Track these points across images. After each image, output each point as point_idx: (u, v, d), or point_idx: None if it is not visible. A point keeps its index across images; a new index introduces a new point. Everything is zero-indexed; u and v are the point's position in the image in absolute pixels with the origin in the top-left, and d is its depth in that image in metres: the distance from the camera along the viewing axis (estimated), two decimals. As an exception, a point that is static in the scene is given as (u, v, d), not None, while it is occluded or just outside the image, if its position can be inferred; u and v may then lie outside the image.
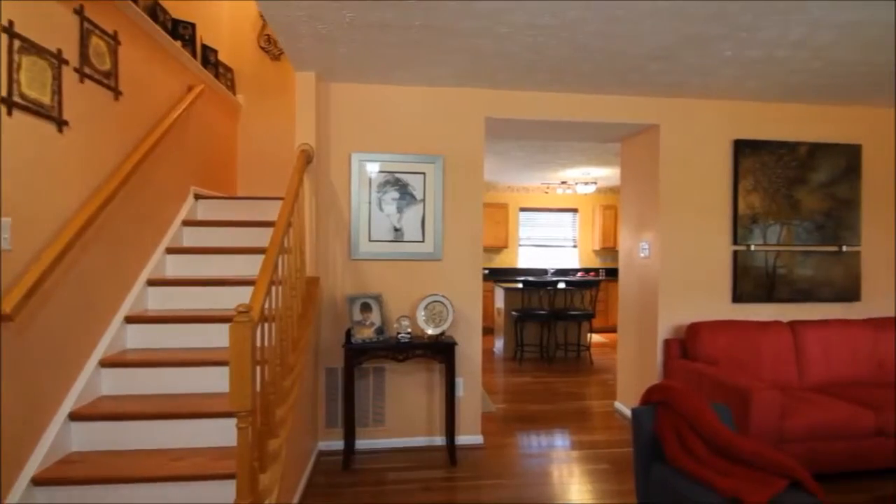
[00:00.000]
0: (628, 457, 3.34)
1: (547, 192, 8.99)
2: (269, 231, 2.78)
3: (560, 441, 3.66)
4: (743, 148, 3.72)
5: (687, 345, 3.53)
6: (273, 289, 2.26)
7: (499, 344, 6.82)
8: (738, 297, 3.74)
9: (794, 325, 3.57)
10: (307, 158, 3.05)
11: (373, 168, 3.40)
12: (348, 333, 3.21)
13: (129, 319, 2.69)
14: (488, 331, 7.80)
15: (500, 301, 6.87)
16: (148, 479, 2.07)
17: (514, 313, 6.29)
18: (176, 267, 3.14)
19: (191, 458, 2.21)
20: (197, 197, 3.55)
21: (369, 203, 3.40)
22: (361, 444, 3.42)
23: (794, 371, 3.46)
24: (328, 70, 3.17)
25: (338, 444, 3.37)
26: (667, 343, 3.64)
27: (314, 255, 3.28)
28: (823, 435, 2.88)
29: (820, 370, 3.47)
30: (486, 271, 8.77)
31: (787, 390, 3.28)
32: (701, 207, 3.74)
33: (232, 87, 4.39)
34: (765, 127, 3.78)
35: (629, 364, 4.16)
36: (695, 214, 3.73)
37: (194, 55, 3.64)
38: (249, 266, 3.15)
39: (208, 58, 3.97)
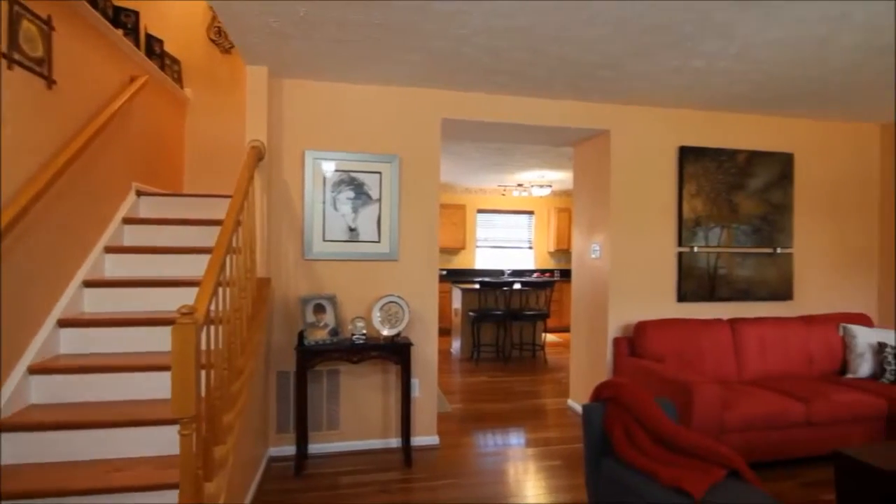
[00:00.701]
0: (580, 452, 3.43)
1: (504, 195, 9.11)
2: (218, 230, 2.68)
3: (515, 439, 3.71)
4: (687, 154, 3.90)
5: (635, 342, 3.66)
6: (220, 290, 2.19)
7: (456, 344, 6.85)
8: (682, 297, 3.92)
9: (733, 323, 3.77)
10: (258, 155, 2.96)
11: (327, 167, 3.34)
12: (301, 336, 3.13)
13: (63, 323, 2.52)
14: (445, 331, 7.82)
15: (457, 302, 6.90)
16: (83, 491, 1.95)
17: (470, 314, 6.33)
18: (116, 267, 2.97)
19: (131, 469, 2.10)
20: (139, 193, 3.38)
21: (323, 202, 3.34)
22: (315, 448, 3.35)
23: (733, 366, 3.65)
24: (281, 65, 3.09)
25: (290, 450, 3.29)
26: (616, 341, 3.76)
27: (265, 254, 3.19)
28: (759, 426, 3.05)
29: (756, 365, 3.68)
30: (444, 272, 8.80)
31: (727, 384, 3.46)
32: (648, 210, 3.89)
33: (179, 79, 4.21)
34: (707, 135, 3.98)
35: (581, 362, 4.27)
36: (643, 217, 3.88)
37: (137, 45, 3.47)
38: (197, 267, 3.03)
39: (153, 48, 3.79)
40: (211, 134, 4.37)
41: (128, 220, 3.17)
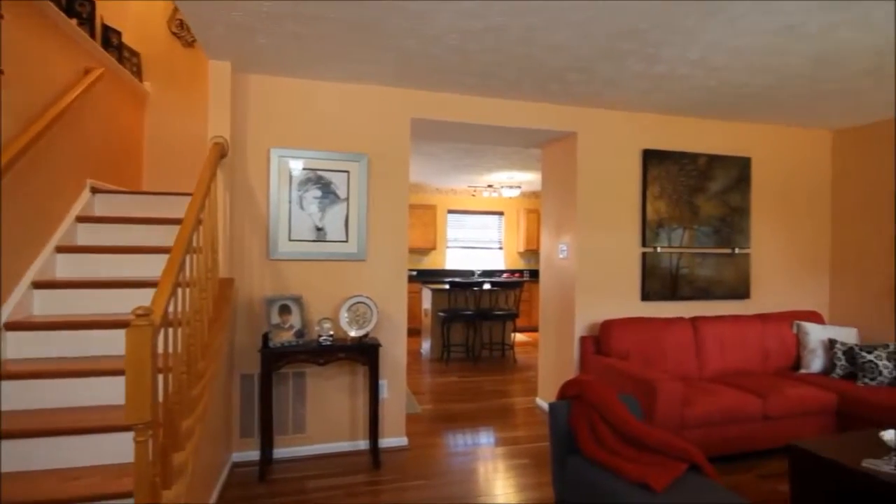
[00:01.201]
0: (548, 450, 3.47)
1: (474, 195, 9.15)
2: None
3: (484, 439, 3.72)
4: (651, 157, 4.00)
5: (601, 341, 3.72)
6: (180, 290, 2.12)
7: (426, 345, 6.84)
8: (646, 296, 4.01)
9: (694, 321, 3.88)
10: (221, 152, 2.88)
11: (293, 165, 3.28)
12: (265, 337, 3.06)
13: (11, 326, 2.39)
14: (415, 332, 7.80)
15: (427, 302, 6.89)
16: (35, 503, 1.85)
17: (440, 314, 6.33)
18: (68, 268, 2.84)
19: (86, 478, 2.01)
20: (94, 191, 3.24)
21: (289, 201, 3.27)
22: (280, 452, 3.28)
23: (694, 363, 3.76)
24: (245, 60, 3.02)
25: (254, 455, 3.21)
26: (583, 340, 3.83)
27: (228, 254, 3.10)
28: (718, 421, 3.15)
29: (716, 362, 3.80)
30: (414, 272, 8.78)
31: (688, 381, 3.56)
32: (614, 212, 3.97)
33: (138, 72, 4.07)
34: (670, 138, 4.09)
35: (549, 361, 4.32)
36: (608, 218, 3.96)
37: (93, 35, 3.33)
38: (156, 267, 2.90)
39: (110, 39, 3.64)
40: (172, 130, 4.23)
41: (82, 219, 3.04)
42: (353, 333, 3.19)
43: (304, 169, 3.29)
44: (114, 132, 3.62)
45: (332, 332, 3.15)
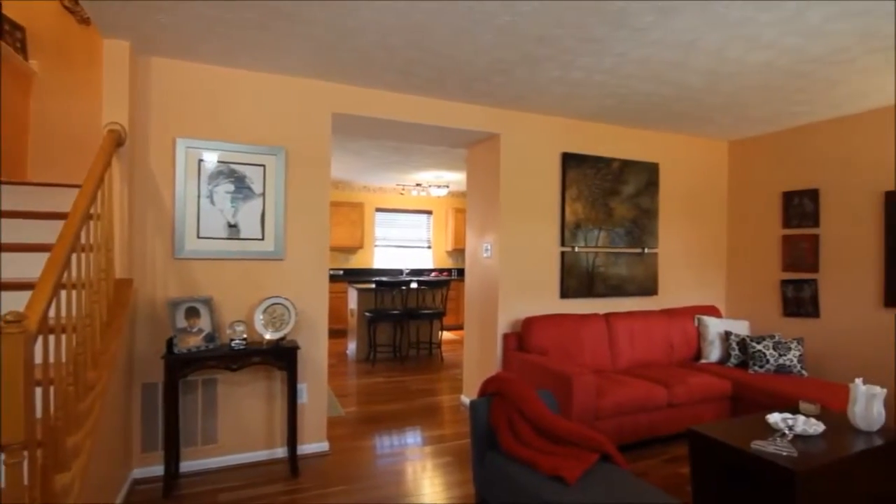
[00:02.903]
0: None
1: (402, 194, 9.10)
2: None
3: (409, 439, 3.69)
4: (569, 160, 4.16)
5: (522, 337, 3.82)
6: (65, 293, 1.90)
7: (352, 346, 6.70)
8: (564, 293, 4.17)
9: (608, 317, 4.09)
10: (117, 140, 2.62)
11: (203, 156, 3.06)
12: (170, 343, 2.84)
13: None
14: (342, 333, 7.64)
15: (353, 302, 6.75)
16: None
17: (367, 314, 6.23)
18: (-73, 268, 2.47)
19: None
20: (-36, 181, 2.85)
21: (198, 196, 3.05)
22: (189, 466, 3.06)
23: (607, 356, 3.96)
24: (147, 41, 2.77)
25: (158, 470, 2.96)
26: (505, 337, 3.91)
27: (126, 253, 2.83)
28: (628, 410, 3.34)
29: (627, 354, 4.03)
30: (341, 272, 8.58)
31: (603, 373, 3.74)
32: (535, 212, 4.09)
33: (22, 49, 3.62)
34: (587, 143, 4.28)
35: (474, 359, 4.37)
36: (530, 218, 4.07)
37: (-38, 4, 2.92)
38: (40, 268, 2.61)
39: (-15, 10, 3.22)
40: (64, 114, 3.80)
41: (-54, 212, 2.65)
42: (269, 336, 3.04)
43: (214, 161, 3.09)
44: (-11, 114, 3.19)
45: (245, 336, 2.98)
